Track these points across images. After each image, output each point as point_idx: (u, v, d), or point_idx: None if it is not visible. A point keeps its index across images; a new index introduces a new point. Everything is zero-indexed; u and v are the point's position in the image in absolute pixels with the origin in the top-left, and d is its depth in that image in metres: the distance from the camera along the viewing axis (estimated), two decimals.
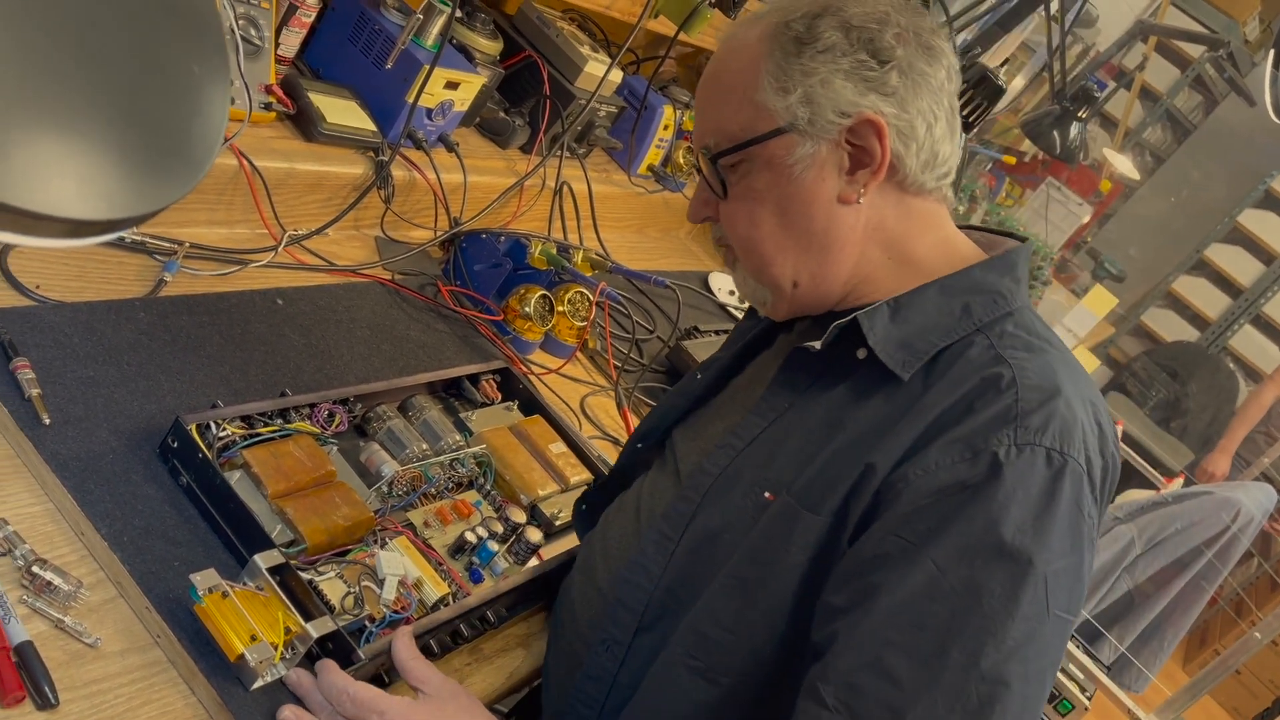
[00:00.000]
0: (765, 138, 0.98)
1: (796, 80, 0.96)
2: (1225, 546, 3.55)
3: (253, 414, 1.10)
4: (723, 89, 1.02)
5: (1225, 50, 3.74)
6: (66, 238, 0.49)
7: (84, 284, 1.16)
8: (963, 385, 0.93)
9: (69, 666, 0.83)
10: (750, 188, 1.01)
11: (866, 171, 0.98)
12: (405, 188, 1.61)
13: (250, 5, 1.38)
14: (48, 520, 0.92)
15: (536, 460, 1.36)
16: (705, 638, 0.99)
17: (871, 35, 0.96)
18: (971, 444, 0.89)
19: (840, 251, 1.01)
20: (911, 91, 0.97)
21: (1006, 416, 0.90)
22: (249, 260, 1.35)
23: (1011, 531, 0.86)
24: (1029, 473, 0.88)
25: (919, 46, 0.97)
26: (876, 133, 0.96)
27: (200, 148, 0.53)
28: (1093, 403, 0.96)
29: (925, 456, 0.90)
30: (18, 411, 0.96)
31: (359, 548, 1.07)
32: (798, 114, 0.96)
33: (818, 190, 0.99)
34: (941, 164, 1.01)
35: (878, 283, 1.02)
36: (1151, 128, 6.01)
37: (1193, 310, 6.03)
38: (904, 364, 0.96)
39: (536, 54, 1.88)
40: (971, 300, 0.98)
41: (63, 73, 0.46)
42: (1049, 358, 0.96)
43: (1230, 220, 5.89)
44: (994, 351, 0.95)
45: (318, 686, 0.93)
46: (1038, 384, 0.92)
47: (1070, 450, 0.89)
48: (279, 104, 1.44)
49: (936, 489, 0.89)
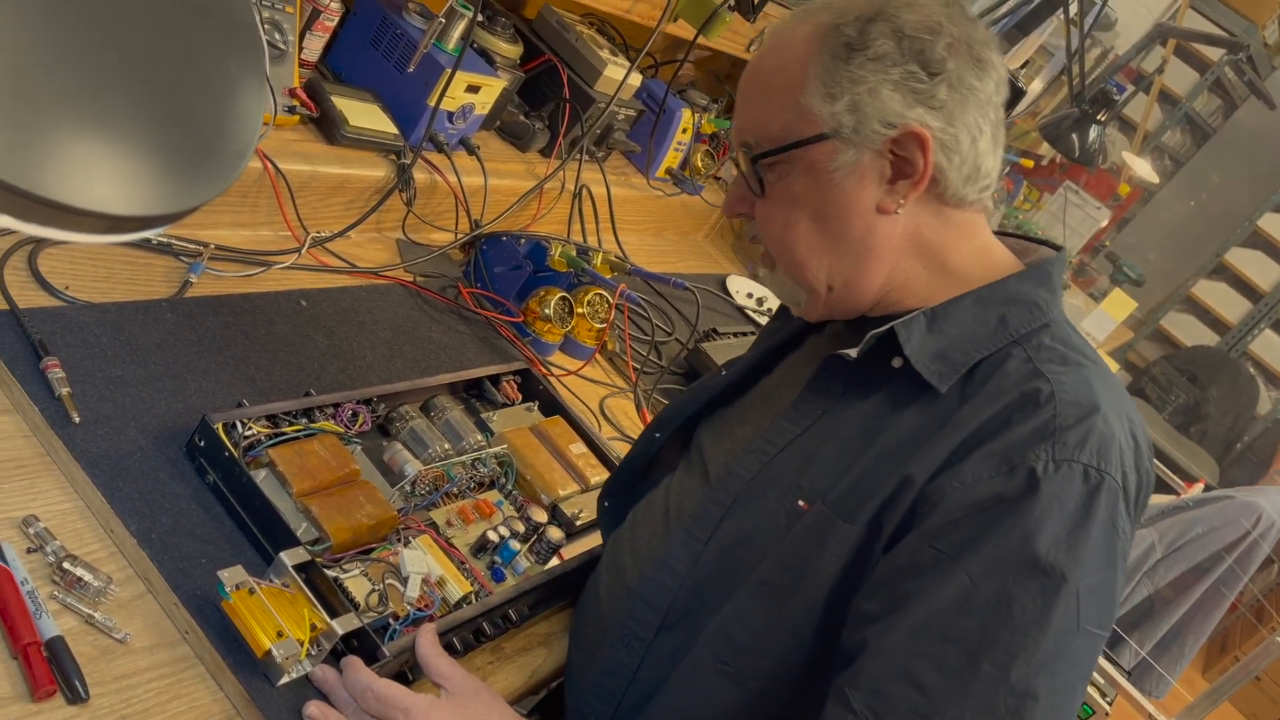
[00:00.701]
0: (807, 142, 0.97)
1: (844, 87, 0.95)
2: (1246, 552, 3.52)
3: (278, 413, 1.11)
4: (767, 86, 1.00)
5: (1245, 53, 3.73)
6: (105, 233, 0.50)
7: (112, 285, 1.18)
8: (1000, 399, 0.93)
9: (99, 661, 0.84)
10: (788, 190, 1.00)
11: (907, 183, 0.97)
12: (426, 190, 1.62)
13: (275, 10, 1.39)
14: (78, 517, 0.94)
15: (557, 460, 1.36)
16: (733, 642, 0.99)
17: (923, 46, 0.94)
18: (1009, 458, 0.89)
19: (876, 259, 1.00)
20: (959, 105, 0.95)
21: (1045, 431, 0.89)
22: (273, 262, 1.36)
23: (1046, 546, 0.86)
24: (1066, 489, 0.88)
25: (970, 59, 0.96)
26: (920, 145, 0.95)
27: (236, 146, 0.54)
28: (1129, 418, 0.96)
29: (962, 469, 0.90)
30: (48, 410, 0.98)
31: (383, 546, 1.08)
32: (843, 121, 0.95)
33: (857, 198, 0.97)
34: (984, 176, 1.00)
35: (912, 290, 1.01)
36: (1170, 131, 5.98)
37: (1212, 314, 6.00)
38: (940, 376, 0.96)
39: (556, 58, 1.89)
40: (1007, 311, 0.98)
41: (105, 72, 0.47)
42: (1086, 372, 0.95)
43: (1250, 224, 5.85)
44: (1031, 365, 0.94)
45: (343, 683, 0.93)
46: (1076, 399, 0.91)
47: (1107, 467, 0.89)
48: (302, 107, 1.45)
49: (973, 502, 0.89)
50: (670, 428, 1.24)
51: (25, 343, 1.02)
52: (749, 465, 1.05)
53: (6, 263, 1.10)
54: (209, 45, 0.53)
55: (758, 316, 2.24)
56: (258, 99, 0.55)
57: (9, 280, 1.08)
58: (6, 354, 1.00)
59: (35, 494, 0.93)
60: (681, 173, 2.30)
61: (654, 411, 1.70)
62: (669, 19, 1.88)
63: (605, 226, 2.02)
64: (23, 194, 0.45)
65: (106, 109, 0.47)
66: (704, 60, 2.53)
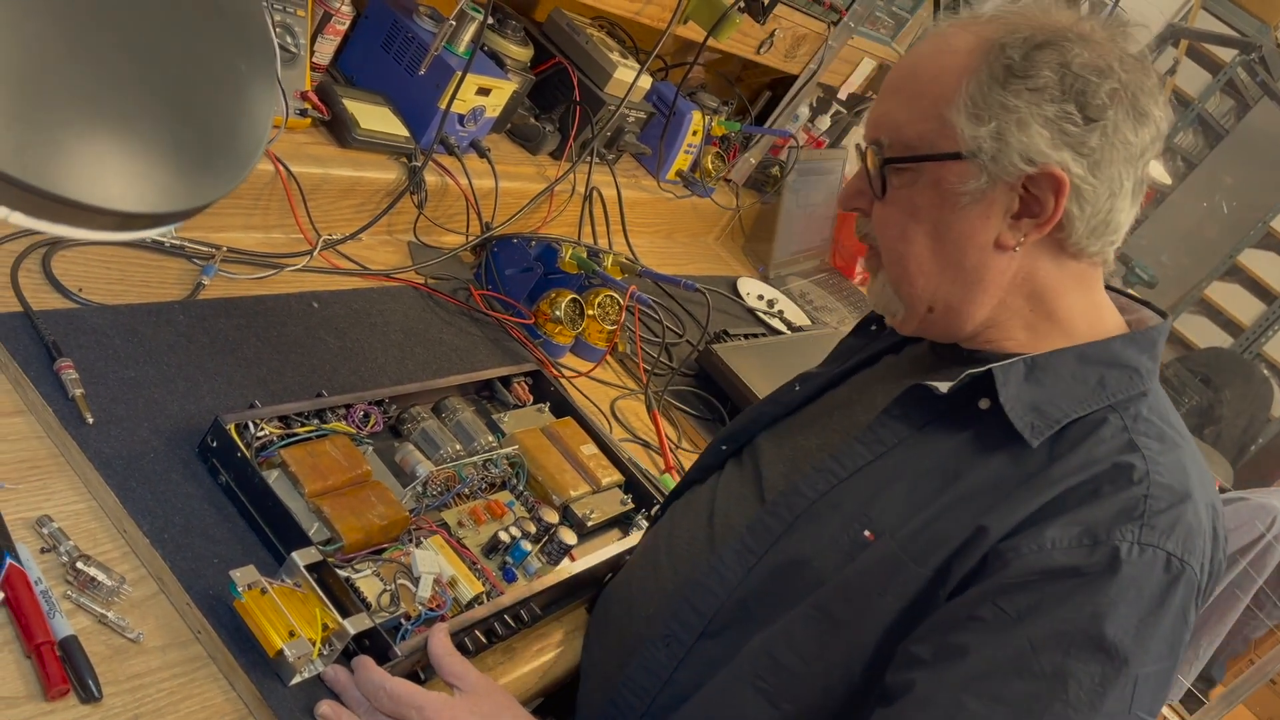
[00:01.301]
0: (941, 158, 0.93)
1: (995, 111, 0.90)
2: (1261, 554, 3.50)
3: (290, 414, 1.11)
4: (914, 89, 0.96)
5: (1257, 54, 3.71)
6: (115, 230, 0.51)
7: (125, 287, 1.18)
8: (1092, 466, 0.90)
9: (112, 661, 0.85)
10: (910, 200, 0.96)
11: (1032, 222, 0.93)
12: (437, 193, 1.63)
13: (286, 13, 1.40)
14: (91, 517, 0.94)
15: (568, 461, 1.36)
16: (777, 662, 0.98)
17: (1086, 87, 0.89)
18: (1093, 531, 0.87)
19: (984, 293, 0.97)
20: (1107, 156, 0.91)
21: (1134, 512, 0.87)
22: (285, 264, 1.37)
23: (1115, 629, 0.84)
24: (1147, 574, 0.86)
25: (1131, 110, 0.91)
26: (1055, 189, 0.91)
27: (247, 143, 0.54)
28: (1214, 507, 0.94)
29: (1042, 532, 0.88)
30: (62, 411, 0.98)
31: (394, 546, 1.08)
32: (983, 146, 0.91)
33: (978, 227, 0.94)
34: (1113, 231, 0.96)
35: (1012, 330, 0.99)
36: (1183, 132, 5.96)
37: (1226, 316, 5.97)
38: (1033, 429, 0.93)
39: (566, 60, 1.89)
40: (1108, 374, 0.95)
41: (116, 70, 0.47)
42: (1181, 454, 0.93)
43: (1264, 225, 5.82)
44: (1127, 436, 0.92)
45: (355, 683, 0.93)
46: (1169, 484, 0.89)
47: (1190, 558, 0.87)
48: (314, 110, 1.46)
49: (1048, 568, 0.87)
50: (739, 443, 1.21)
51: (39, 344, 1.03)
52: (816, 485, 1.02)
53: (21, 265, 1.10)
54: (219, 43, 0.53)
55: (768, 318, 2.23)
56: (268, 96, 0.55)
57: (23, 282, 1.09)
58: (21, 355, 1.01)
59: (49, 494, 0.93)
60: (692, 175, 2.29)
61: (664, 413, 1.70)
62: (679, 21, 1.88)
63: (616, 229, 2.02)
64: (35, 191, 0.45)
65: (117, 106, 0.47)
66: (714, 62, 2.53)
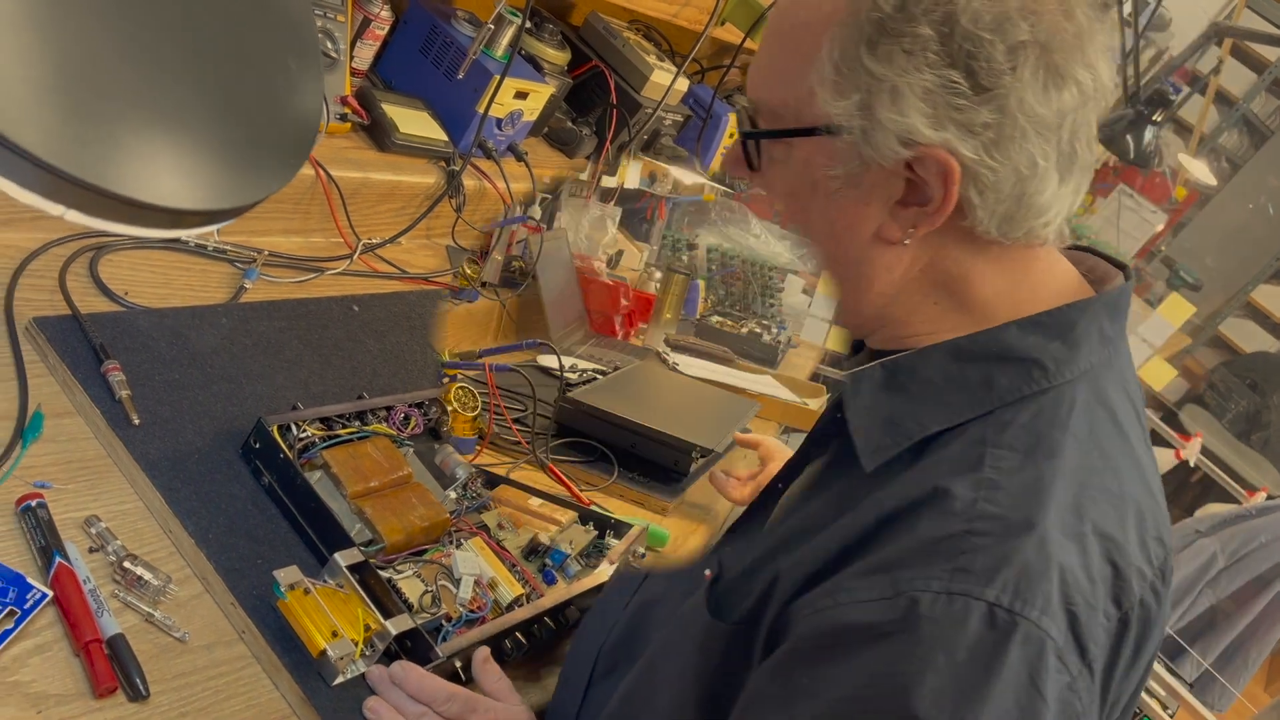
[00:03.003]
0: (801, 133, 0.75)
1: (861, 79, 0.71)
2: None
3: (331, 416, 1.11)
4: (783, 41, 0.77)
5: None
6: (168, 228, 0.51)
7: (170, 291, 1.20)
8: (913, 490, 0.70)
9: (159, 659, 0.85)
10: (785, 179, 0.79)
11: (920, 211, 0.73)
12: (475, 196, 1.63)
13: (326, 19, 1.41)
14: (138, 517, 0.95)
15: (526, 514, 1.26)
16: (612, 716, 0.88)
17: (976, 47, 0.68)
18: (894, 578, 0.66)
19: (869, 290, 0.78)
20: (1008, 133, 0.70)
21: (945, 550, 0.66)
22: (325, 268, 1.38)
23: (927, 706, 0.62)
24: (957, 632, 0.64)
25: (1042, 70, 0.70)
26: (943, 175, 0.71)
27: (296, 141, 0.54)
28: (1109, 537, 0.71)
29: (838, 581, 0.69)
30: (109, 412, 0.99)
31: (435, 548, 1.08)
32: (850, 123, 0.72)
33: (856, 216, 0.75)
34: (1037, 214, 0.74)
35: (916, 326, 0.79)
36: (1227, 133, 5.86)
37: (1273, 320, 5.86)
38: (876, 449, 0.74)
39: (603, 64, 1.90)
40: (997, 372, 0.74)
41: (168, 67, 0.48)
42: (1055, 467, 0.70)
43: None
44: (980, 450, 0.71)
45: (418, 692, 0.93)
46: (1001, 513, 0.67)
47: (1026, 609, 0.64)
48: (354, 115, 1.47)
49: (840, 626, 0.67)
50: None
51: (87, 346, 1.04)
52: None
53: (69, 269, 1.12)
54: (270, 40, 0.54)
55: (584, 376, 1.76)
56: (315, 94, 0.56)
57: (71, 286, 1.10)
58: (69, 357, 1.02)
59: (97, 494, 0.94)
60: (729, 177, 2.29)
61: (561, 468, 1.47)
62: (716, 23, 1.87)
63: None
64: (92, 189, 0.45)
65: (169, 104, 0.47)
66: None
